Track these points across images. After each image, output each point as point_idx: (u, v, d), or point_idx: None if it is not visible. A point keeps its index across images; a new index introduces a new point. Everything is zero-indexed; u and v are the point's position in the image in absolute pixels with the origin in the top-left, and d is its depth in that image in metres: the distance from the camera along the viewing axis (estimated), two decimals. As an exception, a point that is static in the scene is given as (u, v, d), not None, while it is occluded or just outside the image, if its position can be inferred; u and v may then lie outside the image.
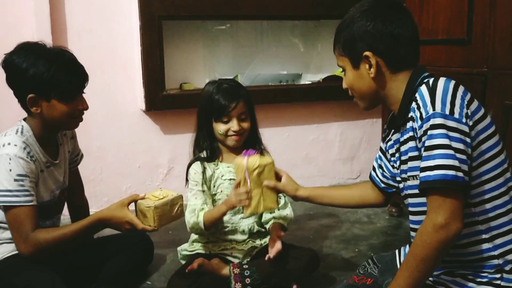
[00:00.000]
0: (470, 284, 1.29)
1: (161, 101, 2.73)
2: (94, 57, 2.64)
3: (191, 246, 1.96)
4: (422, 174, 1.22)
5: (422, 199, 1.28)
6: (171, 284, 1.82)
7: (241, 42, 3.14)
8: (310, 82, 3.21)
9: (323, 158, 3.26)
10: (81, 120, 1.74)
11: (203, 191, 1.89)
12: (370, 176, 1.67)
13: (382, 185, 1.62)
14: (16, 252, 1.64)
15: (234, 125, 1.85)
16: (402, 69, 1.35)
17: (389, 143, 1.49)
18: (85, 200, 2.03)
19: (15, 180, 1.58)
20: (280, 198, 1.95)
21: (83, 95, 1.71)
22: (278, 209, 1.89)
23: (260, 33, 3.19)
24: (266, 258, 1.76)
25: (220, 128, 1.86)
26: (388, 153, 1.53)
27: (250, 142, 1.94)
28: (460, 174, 1.18)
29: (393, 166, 1.52)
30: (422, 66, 1.38)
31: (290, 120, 3.14)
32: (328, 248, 2.30)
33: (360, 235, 2.46)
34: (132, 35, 2.71)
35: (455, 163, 1.18)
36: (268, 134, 2.00)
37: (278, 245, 1.76)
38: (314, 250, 2.00)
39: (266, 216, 1.95)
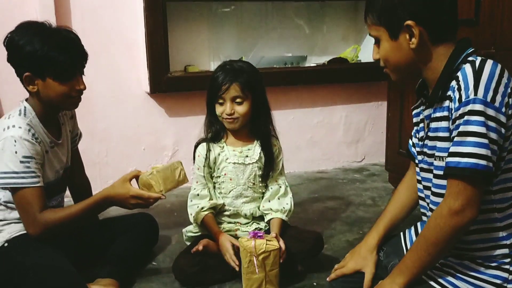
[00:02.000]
0: (479, 267, 1.28)
1: (166, 83, 2.72)
2: (98, 38, 2.63)
3: (196, 228, 1.96)
4: (451, 159, 1.18)
5: (444, 182, 1.24)
6: (176, 265, 1.83)
7: (246, 24, 3.12)
8: (315, 65, 3.19)
9: (327, 141, 3.26)
10: (79, 100, 1.71)
11: (204, 176, 1.90)
12: (410, 154, 1.50)
13: None
14: (24, 232, 1.65)
15: (226, 108, 1.82)
16: (444, 41, 1.26)
17: (415, 111, 1.41)
18: (86, 179, 2.02)
19: (21, 162, 1.58)
20: (280, 186, 1.94)
21: (84, 76, 1.69)
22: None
23: (265, 15, 3.16)
24: None
25: (217, 109, 1.85)
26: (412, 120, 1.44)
27: (258, 126, 1.91)
28: (490, 164, 1.16)
29: (415, 135, 1.45)
30: (467, 39, 1.28)
31: (295, 102, 3.13)
32: (333, 230, 2.31)
33: (365, 218, 2.46)
34: (136, 16, 2.69)
35: (488, 153, 1.15)
36: (273, 117, 1.99)
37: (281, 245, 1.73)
38: (318, 232, 2.01)
39: (264, 205, 1.93)
